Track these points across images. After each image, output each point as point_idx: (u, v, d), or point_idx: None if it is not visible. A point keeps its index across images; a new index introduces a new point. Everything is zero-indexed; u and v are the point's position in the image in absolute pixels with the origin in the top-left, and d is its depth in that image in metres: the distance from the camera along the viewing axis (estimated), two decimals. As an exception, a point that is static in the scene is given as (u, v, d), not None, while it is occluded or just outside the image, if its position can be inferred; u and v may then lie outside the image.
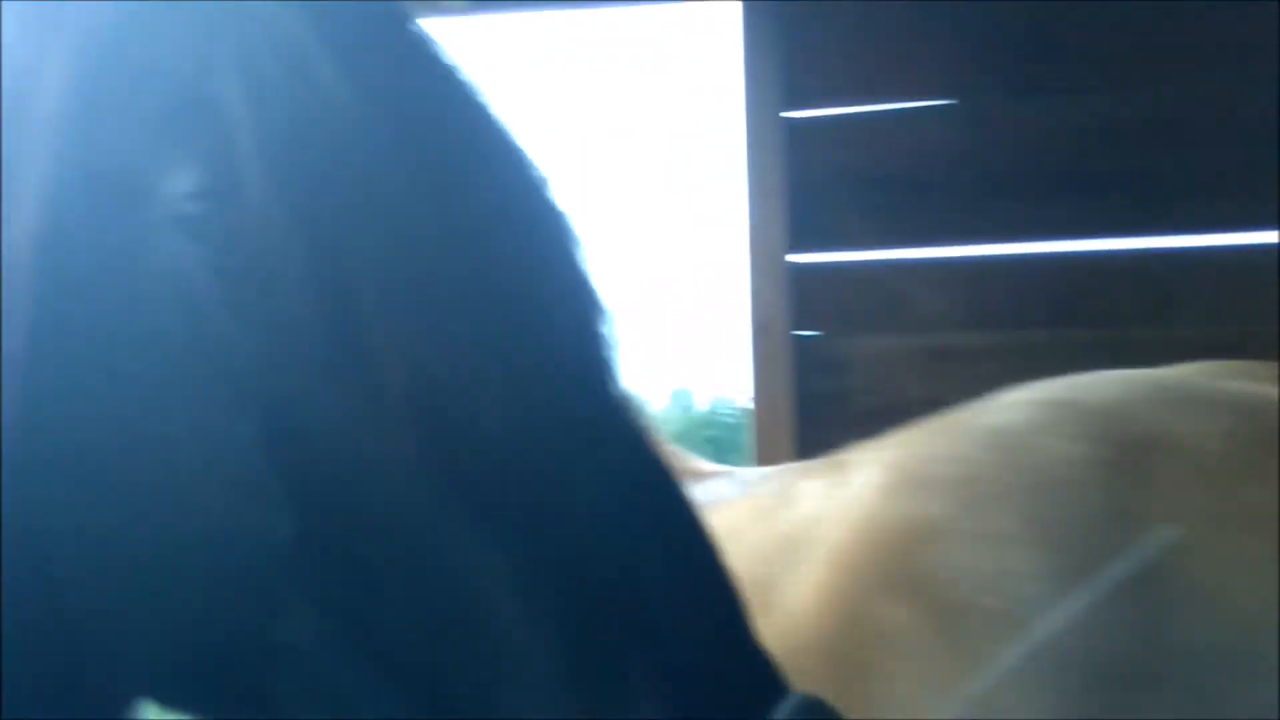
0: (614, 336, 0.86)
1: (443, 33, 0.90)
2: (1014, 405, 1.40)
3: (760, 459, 2.86)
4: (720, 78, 3.13)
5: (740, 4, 3.01)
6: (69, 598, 0.84)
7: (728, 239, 3.08)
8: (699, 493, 1.66)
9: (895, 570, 1.27)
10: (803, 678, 1.24)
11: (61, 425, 0.82)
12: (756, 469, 1.81)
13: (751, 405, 2.99)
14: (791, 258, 2.99)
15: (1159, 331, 2.74)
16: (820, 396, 2.93)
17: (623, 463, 0.80)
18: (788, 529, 1.44)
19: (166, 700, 0.91)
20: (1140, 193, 2.82)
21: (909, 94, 2.96)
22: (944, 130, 2.94)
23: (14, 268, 0.83)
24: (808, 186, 2.97)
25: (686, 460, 1.81)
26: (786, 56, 2.97)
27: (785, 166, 2.97)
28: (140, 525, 0.81)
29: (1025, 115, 2.89)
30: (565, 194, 0.88)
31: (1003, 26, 2.90)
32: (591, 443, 0.79)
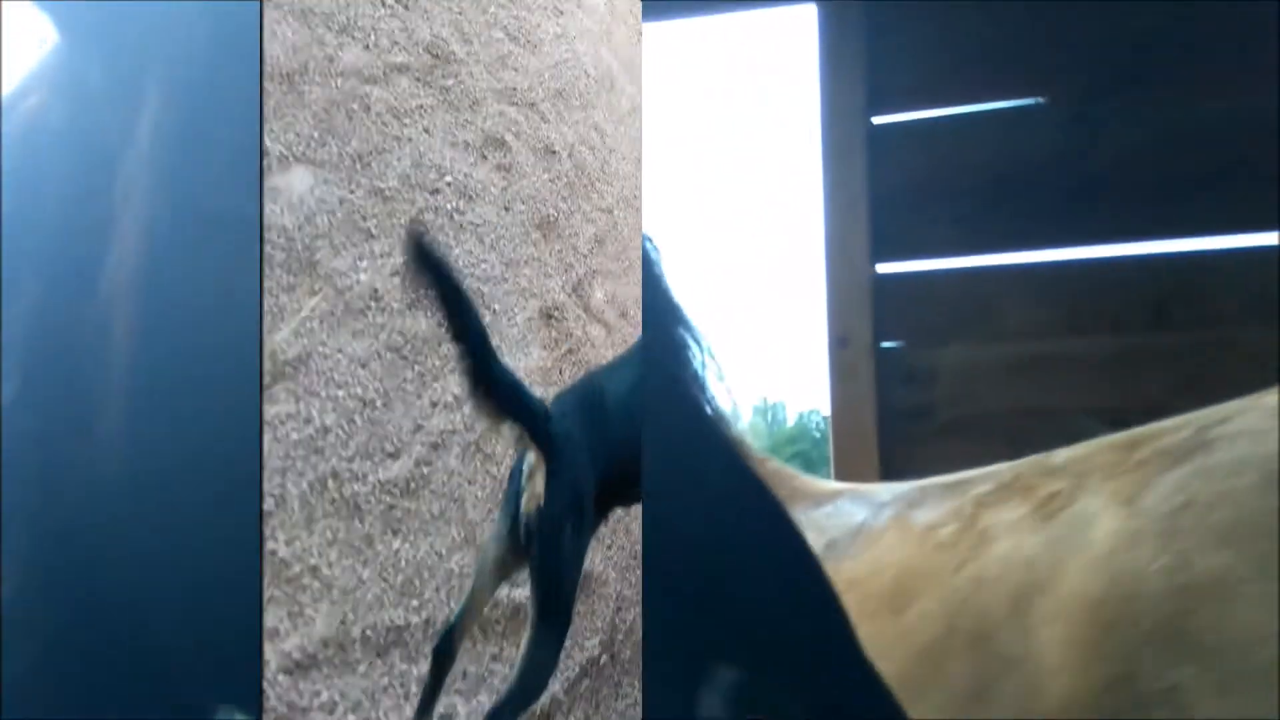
0: (706, 354, 0.86)
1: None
2: (1266, 434, 1.24)
3: (842, 474, 2.79)
4: (800, 83, 3.07)
5: (816, 7, 2.96)
6: (160, 613, 0.85)
7: (809, 249, 3.03)
8: (825, 515, 1.58)
9: (1174, 630, 1.18)
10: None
11: (161, 453, 0.83)
12: (882, 486, 1.70)
13: (833, 418, 2.92)
14: (875, 267, 2.92)
15: (1264, 334, 2.59)
16: (904, 409, 2.85)
17: (719, 481, 0.80)
18: (998, 573, 1.34)
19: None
20: (1241, 191, 2.68)
21: (995, 94, 2.87)
22: (1034, 131, 2.83)
23: (115, 303, 0.85)
24: (890, 193, 2.90)
25: (797, 478, 1.72)
26: (866, 58, 2.91)
27: (867, 173, 2.90)
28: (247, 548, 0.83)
29: (1120, 114, 2.77)
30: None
31: (1094, 20, 2.78)
32: (689, 458, 0.79)
